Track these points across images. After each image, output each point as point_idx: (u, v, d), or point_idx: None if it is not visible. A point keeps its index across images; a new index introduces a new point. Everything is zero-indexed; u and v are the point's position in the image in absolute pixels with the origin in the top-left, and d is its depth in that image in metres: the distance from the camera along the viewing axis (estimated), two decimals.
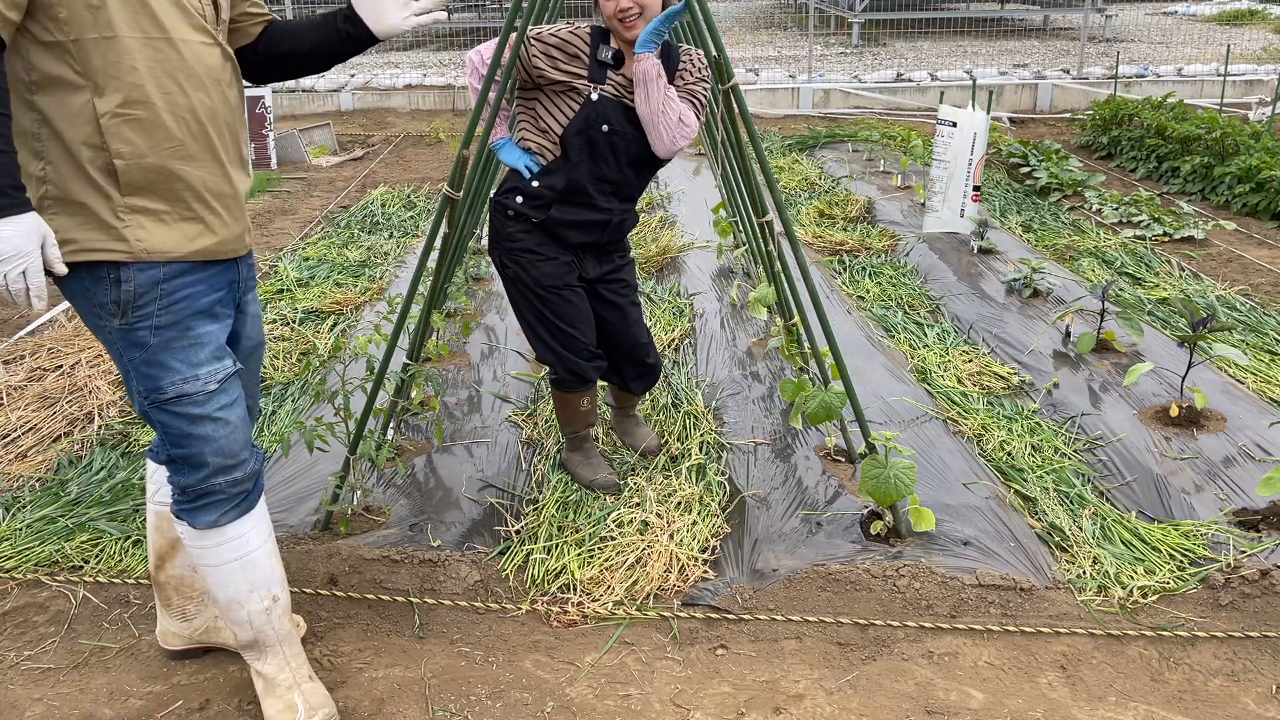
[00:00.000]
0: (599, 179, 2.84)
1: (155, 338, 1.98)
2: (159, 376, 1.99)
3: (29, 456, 3.54)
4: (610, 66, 2.79)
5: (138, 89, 1.87)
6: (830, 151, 8.70)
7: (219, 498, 2.10)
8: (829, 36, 17.00)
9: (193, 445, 2.04)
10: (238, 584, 2.17)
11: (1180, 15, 18.99)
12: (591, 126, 2.78)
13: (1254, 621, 2.59)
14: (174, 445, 2.05)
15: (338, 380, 3.26)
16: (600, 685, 2.41)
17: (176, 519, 2.14)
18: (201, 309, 2.02)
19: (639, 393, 3.31)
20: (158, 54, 1.89)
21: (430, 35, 17.96)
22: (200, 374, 2.02)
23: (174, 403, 2.01)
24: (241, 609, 2.20)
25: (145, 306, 1.95)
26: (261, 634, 2.24)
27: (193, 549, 2.16)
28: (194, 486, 2.08)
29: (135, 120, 1.88)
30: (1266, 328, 4.43)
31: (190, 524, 2.12)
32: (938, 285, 5.17)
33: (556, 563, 2.83)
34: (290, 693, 2.25)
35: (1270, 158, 6.60)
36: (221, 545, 2.14)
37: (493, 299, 5.08)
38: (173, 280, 1.96)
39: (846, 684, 2.40)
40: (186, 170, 1.95)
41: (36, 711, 2.35)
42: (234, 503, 2.12)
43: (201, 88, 1.95)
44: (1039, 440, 3.49)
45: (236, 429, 2.09)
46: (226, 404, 2.06)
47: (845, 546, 2.88)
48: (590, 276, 3.03)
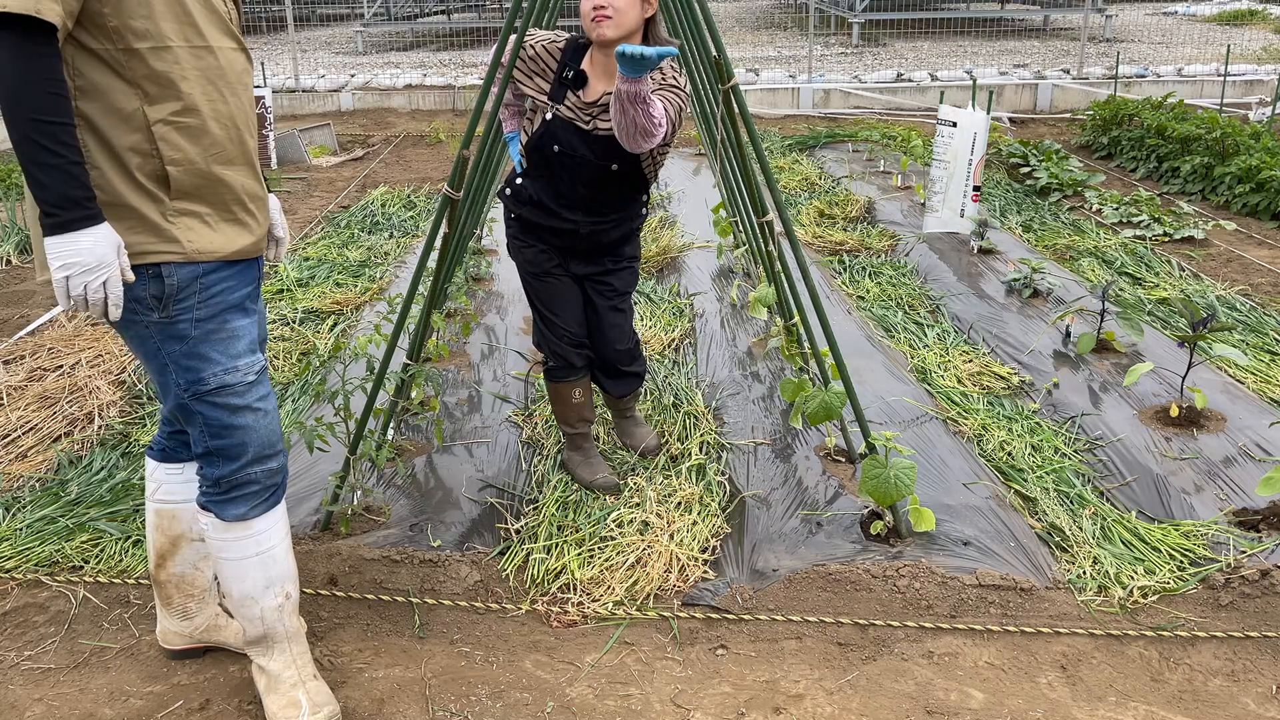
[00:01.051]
0: (556, 194, 2.93)
1: (196, 330, 2.01)
2: (200, 368, 2.03)
3: (29, 456, 3.54)
4: (570, 87, 2.81)
5: (189, 97, 1.92)
6: (830, 151, 8.70)
7: (253, 489, 2.14)
8: (829, 36, 17.00)
9: (234, 435, 2.08)
10: (255, 579, 2.20)
11: (1180, 15, 18.98)
12: (545, 145, 2.85)
13: (1254, 621, 2.59)
14: (214, 437, 2.08)
15: (338, 380, 3.26)
16: (600, 685, 2.41)
17: (203, 510, 2.17)
18: (235, 303, 2.06)
19: (615, 395, 3.31)
20: (201, 62, 1.94)
21: (431, 35, 17.98)
22: (240, 365, 2.06)
23: (216, 394, 2.05)
24: (256, 604, 2.22)
25: (186, 300, 1.99)
26: (272, 630, 2.26)
27: (216, 542, 2.18)
28: (228, 477, 2.11)
29: (186, 128, 1.93)
30: (1266, 328, 4.43)
31: (218, 515, 2.15)
32: (938, 285, 5.17)
33: (556, 563, 2.83)
34: (295, 690, 2.27)
35: (1270, 158, 6.60)
36: (245, 539, 2.16)
37: (493, 299, 5.08)
38: (211, 275, 2.00)
39: (846, 684, 2.40)
40: (229, 174, 2.01)
41: (36, 711, 2.35)
42: (266, 495, 2.16)
43: (235, 93, 2.02)
44: (1039, 440, 3.49)
45: (273, 419, 2.14)
46: (264, 395, 2.12)
47: (845, 546, 2.88)
48: (578, 273, 3.09)
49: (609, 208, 2.97)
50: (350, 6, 20.25)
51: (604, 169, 2.84)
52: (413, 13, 19.75)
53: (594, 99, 2.81)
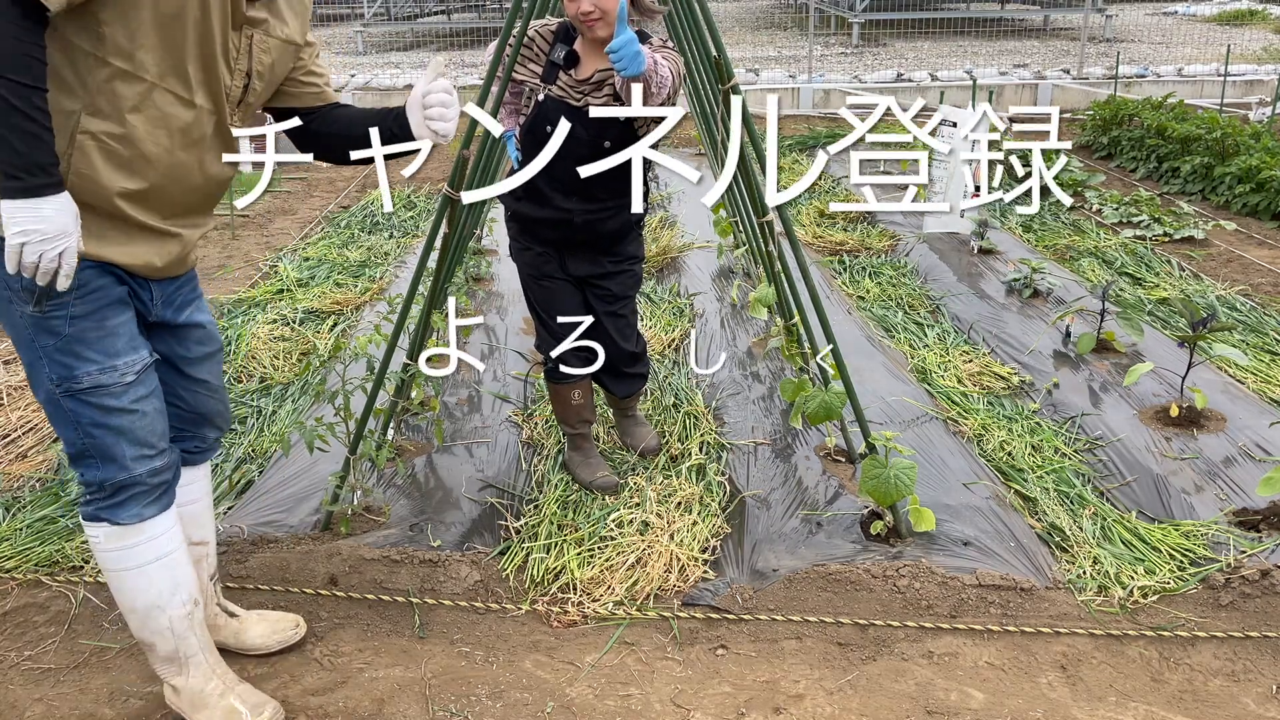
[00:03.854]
0: (551, 176, 2.85)
1: (70, 327, 1.93)
2: (74, 365, 1.95)
3: (29, 456, 3.54)
4: (561, 67, 2.82)
5: (131, 129, 1.87)
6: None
7: (140, 489, 2.05)
8: (829, 36, 17.00)
9: (105, 436, 1.99)
10: (160, 586, 2.12)
11: (1180, 15, 18.98)
12: (537, 127, 2.84)
13: (1254, 621, 2.59)
14: (85, 436, 1.99)
15: (338, 380, 3.25)
16: (600, 685, 2.41)
17: (92, 522, 2.06)
18: (116, 298, 1.99)
19: (618, 395, 3.31)
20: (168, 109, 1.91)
21: (431, 35, 17.98)
22: (118, 364, 1.98)
23: (89, 393, 1.96)
24: (163, 614, 2.14)
25: (62, 295, 1.89)
26: (184, 641, 2.18)
27: (112, 554, 2.09)
28: (112, 480, 2.02)
29: (110, 151, 1.88)
30: (1266, 328, 4.43)
31: (111, 521, 2.05)
32: (938, 285, 5.17)
33: (556, 563, 2.83)
34: (225, 698, 2.21)
35: (1270, 158, 6.60)
36: (143, 544, 2.08)
37: (493, 299, 5.08)
38: (89, 269, 1.93)
39: (846, 684, 2.40)
40: (138, 214, 1.95)
41: (36, 711, 2.35)
42: (155, 494, 2.08)
43: (199, 154, 1.98)
44: (1039, 440, 3.49)
45: (153, 419, 2.05)
46: (143, 395, 2.02)
47: (845, 546, 2.88)
48: (578, 275, 3.07)
49: (603, 190, 2.92)
50: (350, 6, 20.23)
51: (597, 146, 2.81)
52: (413, 13, 19.75)
53: (586, 76, 2.82)
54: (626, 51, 2.43)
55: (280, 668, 2.47)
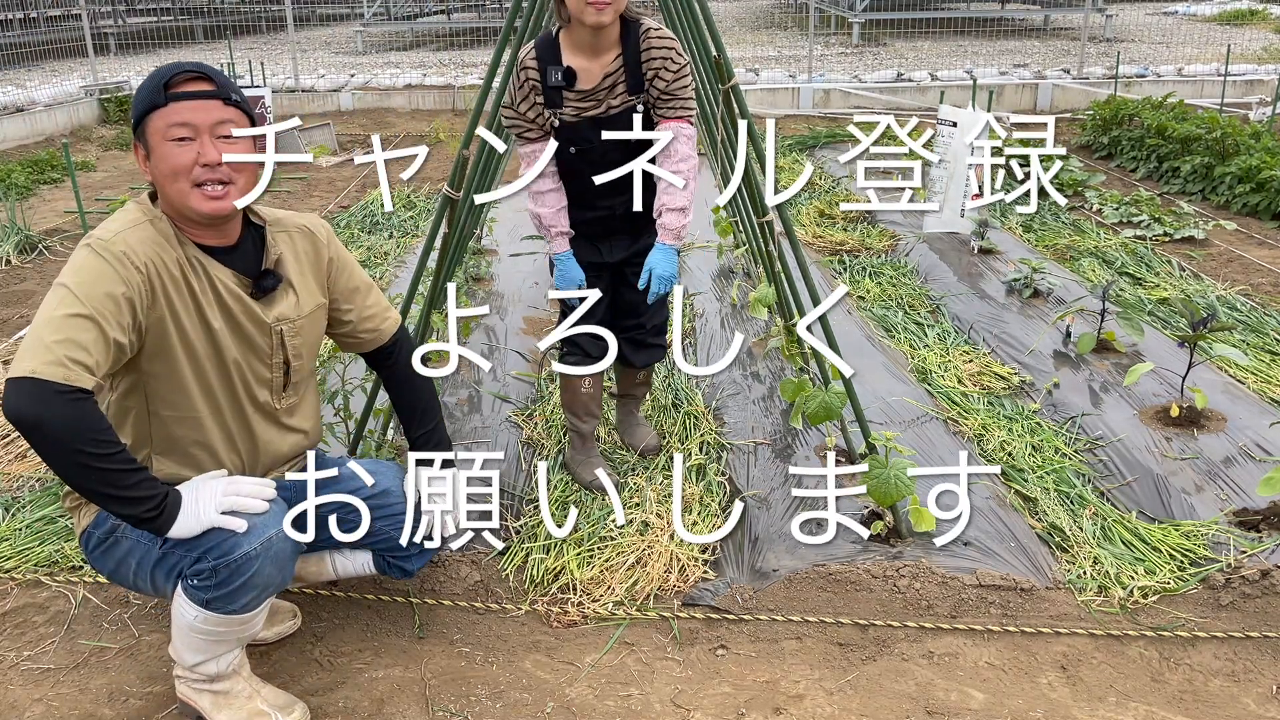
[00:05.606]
0: (588, 189, 2.85)
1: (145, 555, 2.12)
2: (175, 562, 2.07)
3: (29, 456, 3.53)
4: (563, 87, 2.77)
5: (201, 447, 2.14)
6: (830, 151, 8.69)
7: (250, 573, 2.03)
8: (829, 36, 17.00)
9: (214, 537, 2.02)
10: (231, 642, 2.18)
11: (1180, 15, 18.99)
12: (561, 151, 2.80)
13: (1254, 621, 2.59)
14: (209, 558, 2.01)
15: (338, 380, 3.26)
16: (600, 685, 2.41)
17: (201, 607, 2.04)
18: None
19: (638, 364, 3.26)
20: (221, 419, 2.16)
21: (430, 35, 17.98)
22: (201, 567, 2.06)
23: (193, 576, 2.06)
24: (231, 652, 2.20)
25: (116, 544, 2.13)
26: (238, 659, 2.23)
27: (207, 629, 2.10)
28: (225, 563, 2.01)
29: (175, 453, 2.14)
30: (1267, 328, 4.43)
31: (221, 611, 2.04)
32: (938, 285, 5.17)
33: (556, 563, 2.83)
34: (252, 700, 2.23)
35: (1270, 158, 6.60)
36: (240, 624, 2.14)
37: (493, 299, 5.07)
38: None
39: (847, 684, 2.40)
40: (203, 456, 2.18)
41: (36, 711, 2.35)
42: None
43: (254, 439, 2.21)
44: (1039, 440, 3.49)
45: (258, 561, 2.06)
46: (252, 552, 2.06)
47: (845, 546, 2.88)
48: (617, 260, 3.02)
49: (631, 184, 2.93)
50: (350, 6, 20.24)
51: (627, 144, 2.79)
52: (413, 13, 19.75)
53: (591, 86, 2.77)
54: (668, 276, 2.80)
55: (280, 668, 2.47)
